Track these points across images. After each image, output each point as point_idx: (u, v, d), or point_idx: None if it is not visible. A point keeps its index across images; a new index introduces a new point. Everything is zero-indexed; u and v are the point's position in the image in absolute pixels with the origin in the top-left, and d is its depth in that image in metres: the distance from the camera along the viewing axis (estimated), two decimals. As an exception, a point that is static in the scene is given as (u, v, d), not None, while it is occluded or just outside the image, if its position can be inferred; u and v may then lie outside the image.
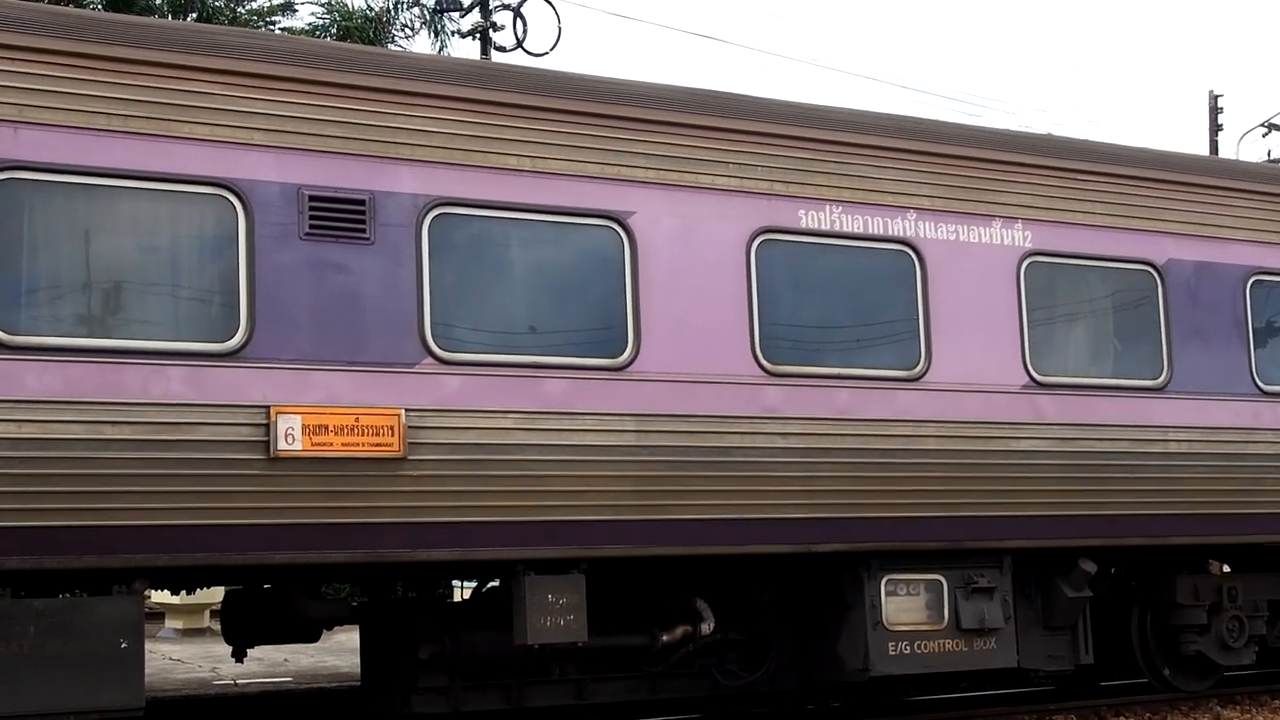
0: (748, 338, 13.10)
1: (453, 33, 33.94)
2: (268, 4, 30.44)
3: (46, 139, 10.86)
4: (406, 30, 32.18)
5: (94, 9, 23.38)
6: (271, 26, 29.45)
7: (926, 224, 14.12)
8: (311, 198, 11.62)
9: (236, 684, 19.01)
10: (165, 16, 26.12)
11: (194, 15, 27.46)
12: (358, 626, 14.14)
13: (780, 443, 13.08)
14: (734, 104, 13.66)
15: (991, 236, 14.44)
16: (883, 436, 13.56)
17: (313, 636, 14.12)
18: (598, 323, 12.66)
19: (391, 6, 31.99)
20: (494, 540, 11.97)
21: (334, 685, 18.40)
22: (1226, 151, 47.54)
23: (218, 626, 18.88)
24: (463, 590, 19.69)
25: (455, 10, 34.41)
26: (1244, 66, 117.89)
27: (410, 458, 11.67)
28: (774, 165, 13.49)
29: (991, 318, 14.30)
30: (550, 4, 34.41)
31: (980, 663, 14.20)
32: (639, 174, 12.90)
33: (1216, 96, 49.24)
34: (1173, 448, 15.01)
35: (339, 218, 11.69)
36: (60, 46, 10.98)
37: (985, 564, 14.17)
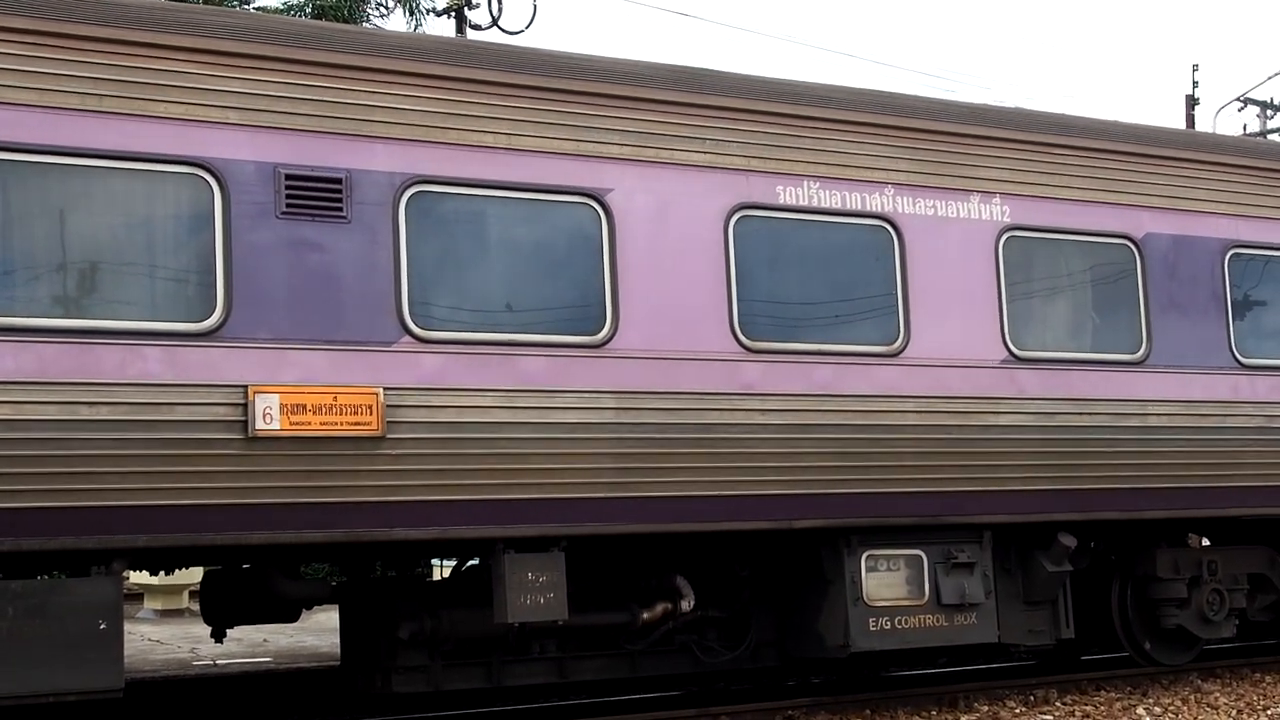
0: (726, 314, 13.08)
1: (428, 11, 33.77)
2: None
3: (19, 119, 10.80)
4: (381, 8, 32.02)
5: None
6: (246, 5, 29.31)
7: (904, 199, 14.10)
8: (288, 176, 11.58)
9: (216, 664, 19.00)
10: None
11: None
12: (337, 606, 14.10)
13: (759, 419, 13.07)
14: (711, 80, 13.63)
15: (969, 211, 14.43)
16: (862, 412, 13.55)
17: (292, 616, 14.07)
18: (576, 300, 12.63)
19: (365, -16, 31.83)
20: (473, 519, 11.95)
21: (314, 665, 18.39)
22: (1203, 125, 47.56)
23: (196, 607, 18.87)
24: (442, 569, 19.71)
25: (430, -13, 34.22)
26: (1220, 40, 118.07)
27: (389, 436, 11.65)
28: (751, 141, 13.47)
29: (970, 293, 14.29)
30: (525, -18, 34.30)
31: (961, 638, 14.21)
32: (616, 151, 12.87)
33: (1194, 69, 49.28)
34: (1152, 421, 15.02)
35: (315, 196, 11.65)
36: (33, 26, 10.91)
37: (965, 539, 14.17)
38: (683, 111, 13.22)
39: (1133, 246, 15.28)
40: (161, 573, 14.74)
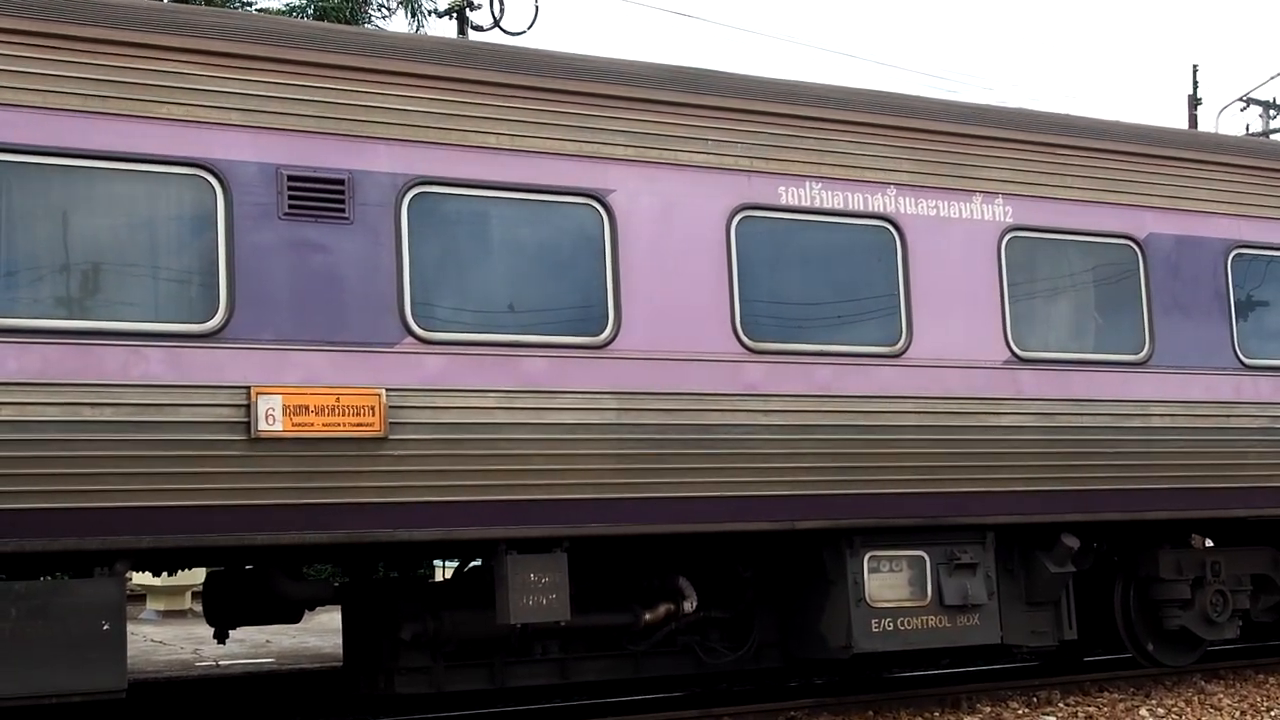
0: (728, 315, 13.07)
1: (430, 12, 33.79)
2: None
3: (20, 120, 10.80)
4: (383, 9, 32.04)
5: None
6: (248, 6, 29.32)
7: (907, 199, 14.09)
8: (290, 178, 11.58)
9: (219, 665, 19.01)
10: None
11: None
12: (339, 607, 14.11)
13: (761, 420, 13.06)
14: (713, 81, 13.62)
15: (972, 211, 14.42)
16: (864, 413, 13.53)
17: (294, 617, 14.08)
18: (578, 301, 12.62)
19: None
20: (475, 520, 11.95)
21: (316, 666, 18.39)
22: (1206, 125, 47.55)
23: (199, 608, 18.85)
24: (444, 570, 19.70)
25: (432, -12, 34.22)
26: (1223, 40, 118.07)
27: (391, 437, 11.64)
28: (753, 142, 13.46)
29: (972, 293, 14.27)
30: (527, -17, 34.30)
31: (963, 639, 14.19)
32: (618, 151, 12.87)
33: (1195, 69, 49.26)
34: (1155, 422, 15.00)
35: (318, 197, 11.65)
36: (33, 27, 10.92)
37: (968, 540, 14.16)
38: (685, 112, 13.22)
39: (1135, 247, 15.26)
40: (164, 574, 14.74)
